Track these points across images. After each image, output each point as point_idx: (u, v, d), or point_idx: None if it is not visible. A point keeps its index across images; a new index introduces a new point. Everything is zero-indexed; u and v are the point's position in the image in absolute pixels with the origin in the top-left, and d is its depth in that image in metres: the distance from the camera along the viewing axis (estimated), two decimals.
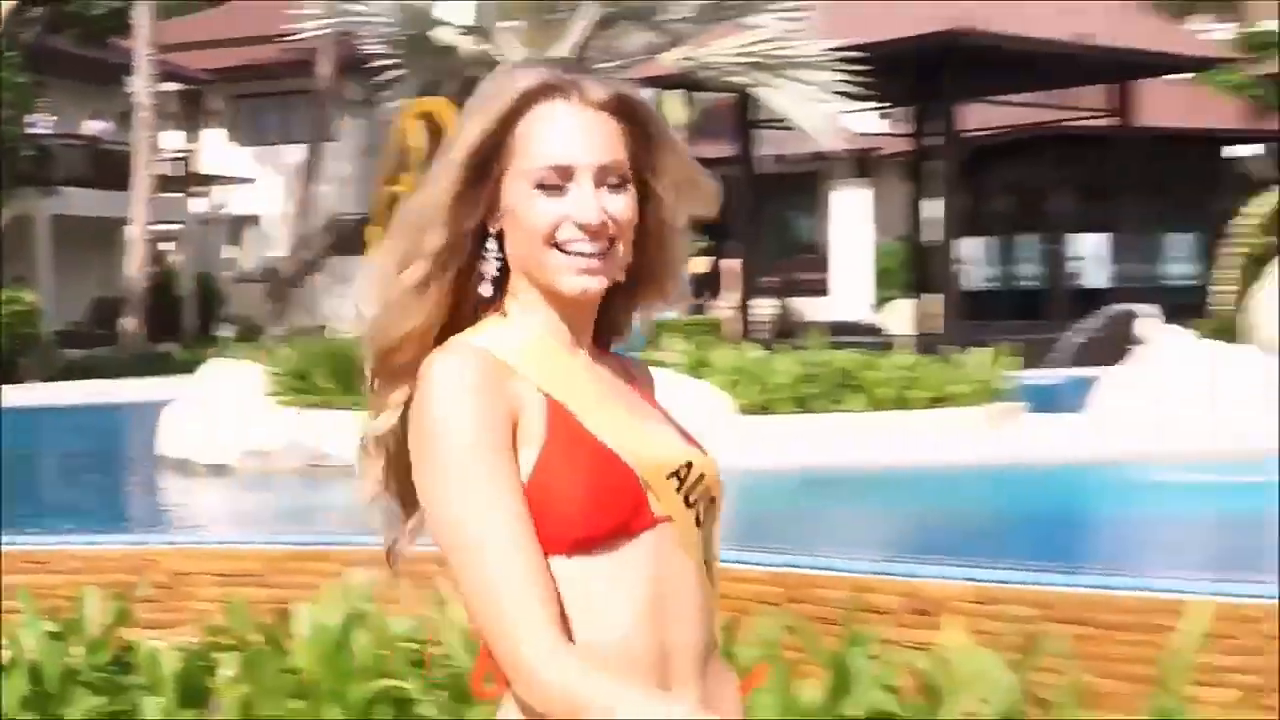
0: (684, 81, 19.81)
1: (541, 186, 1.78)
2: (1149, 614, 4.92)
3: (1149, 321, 12.14)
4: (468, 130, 1.80)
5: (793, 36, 13.65)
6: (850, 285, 30.44)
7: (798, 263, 29.63)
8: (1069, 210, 25.71)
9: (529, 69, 1.83)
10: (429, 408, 1.73)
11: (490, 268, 1.83)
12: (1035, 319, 22.09)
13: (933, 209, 22.31)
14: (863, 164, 30.18)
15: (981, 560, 5.71)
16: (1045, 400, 12.74)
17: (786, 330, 20.99)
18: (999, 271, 27.84)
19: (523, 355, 1.78)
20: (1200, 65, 24.19)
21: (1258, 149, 28.74)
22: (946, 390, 11.90)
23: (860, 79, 13.44)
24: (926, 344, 17.09)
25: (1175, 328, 12.28)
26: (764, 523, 8.50)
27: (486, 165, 1.80)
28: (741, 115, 21.49)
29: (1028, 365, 14.57)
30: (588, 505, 1.72)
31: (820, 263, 31.04)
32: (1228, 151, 28.58)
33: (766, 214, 25.07)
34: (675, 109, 28.61)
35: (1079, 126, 23.82)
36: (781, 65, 13.56)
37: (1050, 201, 26.31)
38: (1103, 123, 22.67)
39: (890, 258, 28.87)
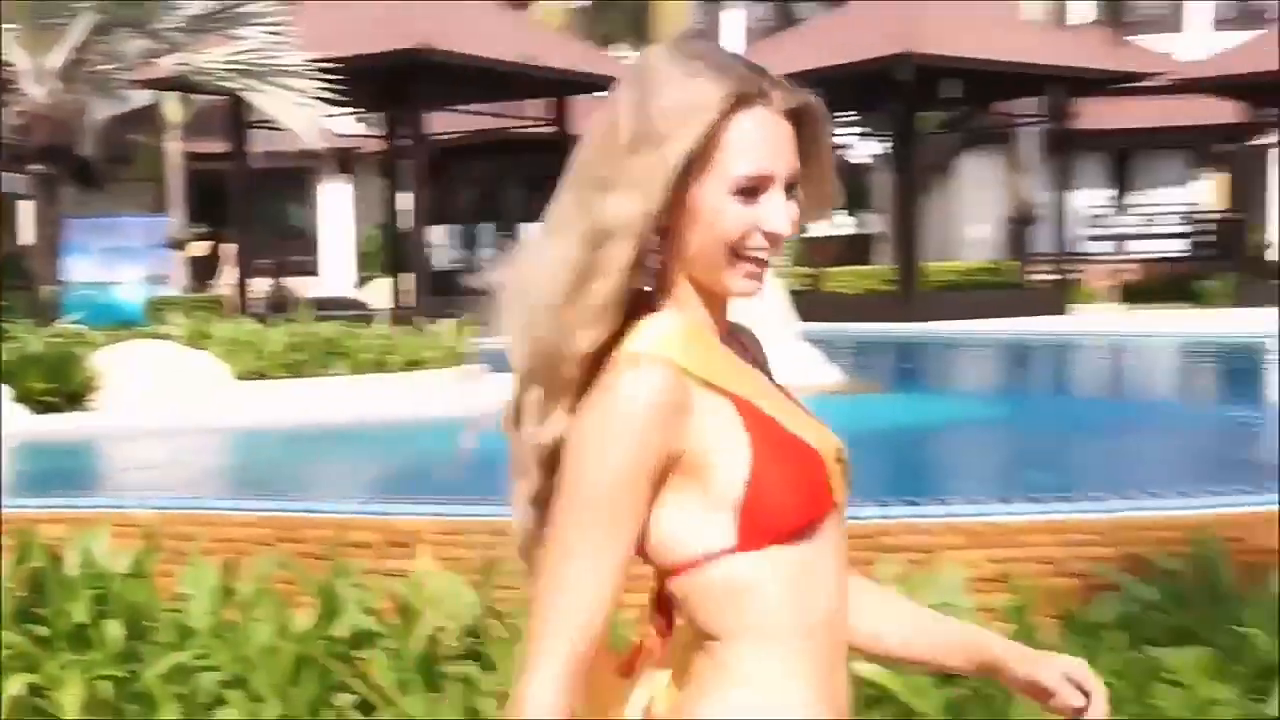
0: (180, 84, 18.95)
1: (738, 192, 1.53)
2: None
3: None
4: (676, 139, 1.51)
5: (276, 48, 13.30)
6: (336, 266, 30.04)
7: (290, 246, 28.92)
8: (519, 203, 26.24)
9: (722, 70, 1.53)
10: (605, 422, 1.49)
11: (653, 264, 1.57)
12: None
13: (406, 201, 22.30)
14: (344, 161, 29.79)
15: (449, 497, 5.75)
16: (503, 363, 12.92)
17: (280, 305, 20.45)
18: (463, 254, 28.14)
19: (696, 357, 1.54)
20: None
21: None
22: (420, 355, 11.94)
23: (338, 87, 13.25)
24: (402, 316, 17.03)
25: None
26: (260, 474, 8.29)
27: (685, 169, 1.52)
28: (235, 116, 20.72)
29: (489, 333, 14.76)
30: (800, 495, 1.54)
31: (310, 246, 30.46)
32: None
33: (261, 204, 24.32)
34: (173, 109, 27.35)
35: (526, 133, 24.32)
36: (267, 73, 13.20)
37: (504, 195, 26.81)
38: (545, 130, 23.24)
39: (371, 242, 28.71)
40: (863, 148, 29.76)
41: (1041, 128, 23.85)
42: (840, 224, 32.14)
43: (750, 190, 1.54)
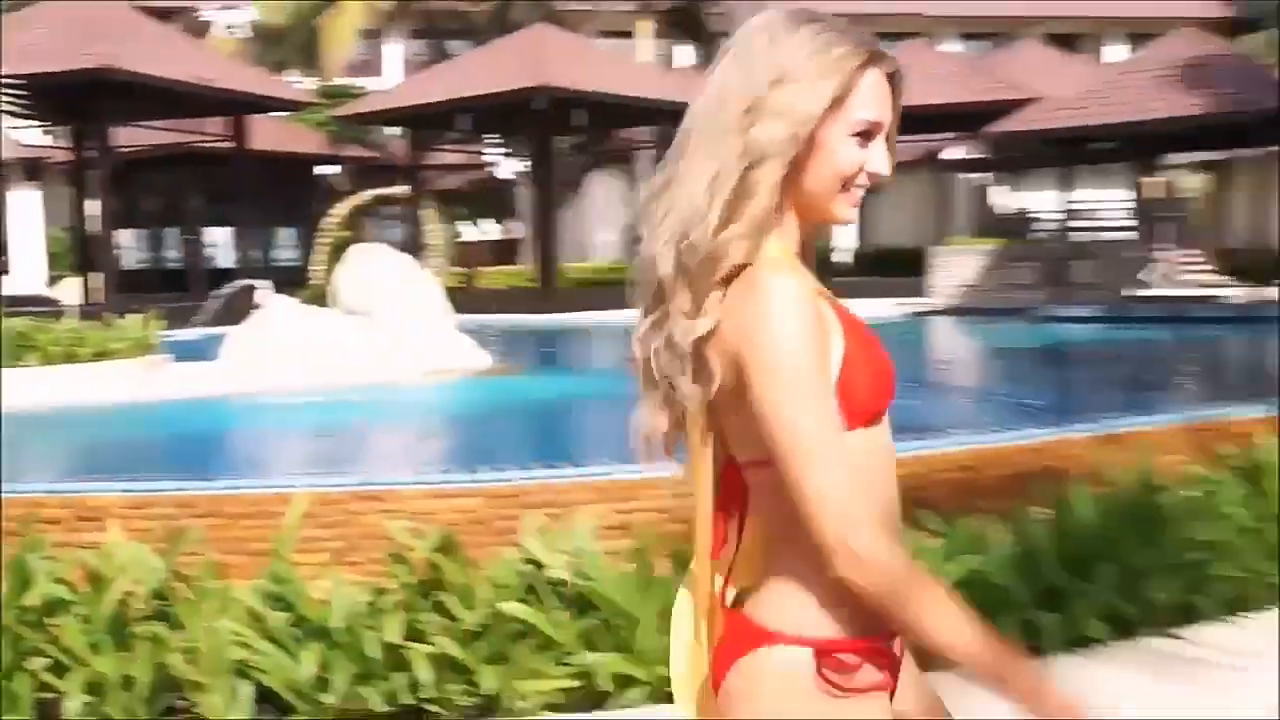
0: None
1: (856, 135, 1.55)
2: (266, 504, 4.89)
3: (265, 292, 12.09)
4: (825, 80, 1.52)
5: None
6: (26, 266, 27.80)
7: None
8: (203, 210, 25.07)
9: (846, 32, 1.56)
10: (780, 323, 1.46)
11: None
12: (180, 291, 21.30)
13: (94, 207, 20.88)
14: (33, 169, 27.60)
15: (136, 474, 5.43)
16: (188, 352, 12.34)
17: None
18: (150, 255, 26.75)
19: (799, 269, 1.55)
20: (294, 106, 24.29)
21: (336, 169, 29.43)
22: (108, 347, 11.23)
23: (25, 102, 12.24)
24: (92, 312, 15.91)
25: (284, 296, 12.33)
26: None
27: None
28: None
29: (174, 327, 14.11)
30: (879, 385, 1.54)
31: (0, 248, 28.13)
32: (317, 170, 29.07)
33: None
34: None
35: (208, 147, 23.20)
36: None
37: (188, 203, 25.54)
38: (225, 145, 22.24)
39: (58, 243, 26.77)
40: (507, 166, 29.85)
41: (655, 150, 24.58)
42: (489, 231, 32.19)
43: (865, 134, 1.57)
